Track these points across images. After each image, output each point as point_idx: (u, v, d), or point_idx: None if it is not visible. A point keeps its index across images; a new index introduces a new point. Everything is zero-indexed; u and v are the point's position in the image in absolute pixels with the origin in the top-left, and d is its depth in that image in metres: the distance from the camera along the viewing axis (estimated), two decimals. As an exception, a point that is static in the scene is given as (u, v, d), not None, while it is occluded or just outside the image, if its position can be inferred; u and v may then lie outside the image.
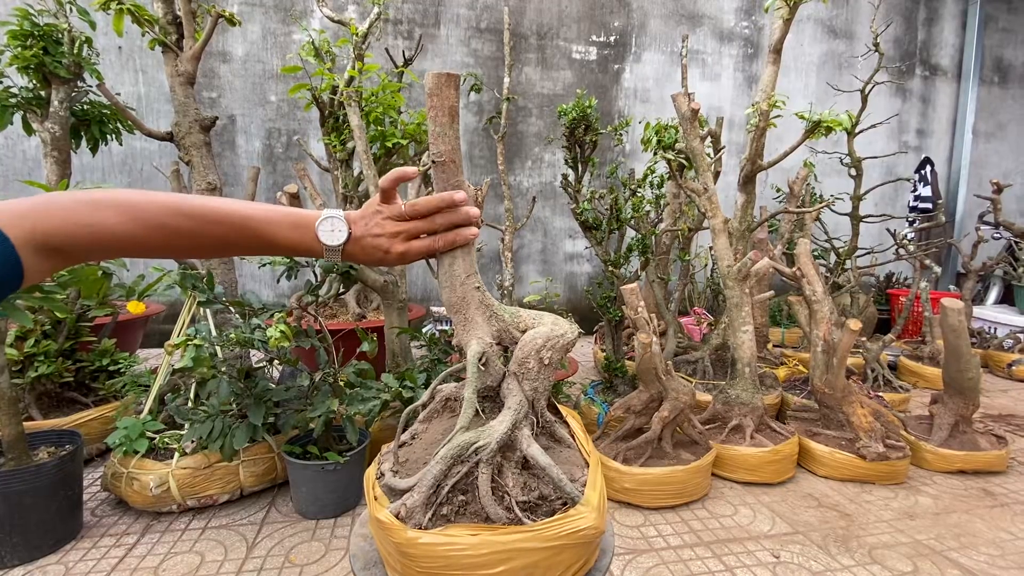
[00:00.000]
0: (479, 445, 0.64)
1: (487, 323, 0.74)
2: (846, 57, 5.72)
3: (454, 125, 0.69)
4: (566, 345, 0.73)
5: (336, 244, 0.62)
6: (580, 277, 5.26)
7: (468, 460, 0.64)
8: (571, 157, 2.65)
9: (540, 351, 0.70)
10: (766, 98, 2.53)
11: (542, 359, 0.70)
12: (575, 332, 0.74)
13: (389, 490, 0.67)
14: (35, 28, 2.79)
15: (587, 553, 0.67)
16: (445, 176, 0.70)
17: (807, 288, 2.40)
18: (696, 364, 3.01)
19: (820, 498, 2.18)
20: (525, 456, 0.67)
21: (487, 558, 0.60)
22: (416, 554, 0.60)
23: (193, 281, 1.76)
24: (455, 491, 0.65)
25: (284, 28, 4.51)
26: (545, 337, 0.71)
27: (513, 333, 0.76)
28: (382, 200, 0.66)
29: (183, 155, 2.44)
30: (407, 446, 0.72)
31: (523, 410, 0.68)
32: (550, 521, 0.63)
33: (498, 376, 0.72)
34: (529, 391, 0.70)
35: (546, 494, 0.66)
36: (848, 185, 5.16)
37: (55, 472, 1.72)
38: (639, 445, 2.10)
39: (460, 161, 0.71)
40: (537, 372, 0.70)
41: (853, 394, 2.37)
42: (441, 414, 0.76)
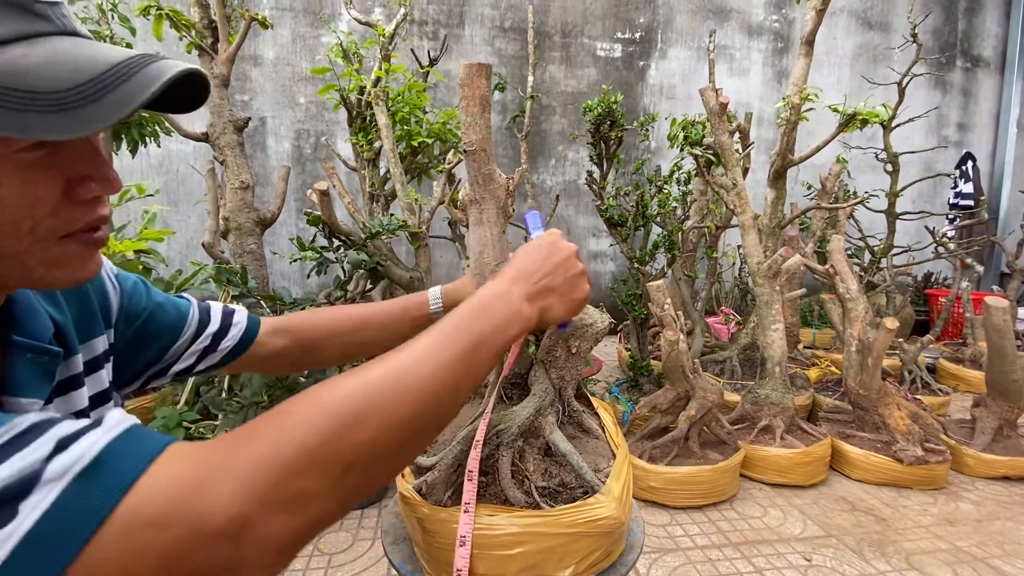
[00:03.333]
0: (500, 429, 0.65)
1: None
2: (882, 49, 5.54)
3: (485, 114, 0.70)
4: (595, 335, 0.72)
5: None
6: (604, 276, 5.22)
7: (489, 443, 0.65)
8: (596, 154, 2.64)
9: (568, 339, 0.70)
10: (797, 91, 2.47)
11: (570, 347, 0.70)
12: (605, 322, 0.74)
13: (415, 467, 0.68)
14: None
15: (607, 544, 0.66)
16: (476, 165, 0.70)
17: (840, 286, 2.33)
18: (724, 364, 2.96)
19: (854, 502, 2.12)
20: (548, 443, 0.67)
21: (502, 539, 0.60)
22: (434, 529, 0.61)
23: (228, 276, 1.82)
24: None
25: (313, 31, 4.61)
26: (573, 326, 0.71)
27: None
28: None
29: (218, 155, 2.52)
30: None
31: (548, 398, 0.68)
32: (568, 508, 0.63)
33: (526, 364, 0.73)
34: (556, 379, 0.70)
35: (567, 481, 0.66)
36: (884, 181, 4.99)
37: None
38: (665, 444, 2.08)
39: (491, 150, 0.72)
40: (564, 361, 0.70)
41: (889, 395, 2.30)
42: (473, 397, 0.77)
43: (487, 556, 0.61)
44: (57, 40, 0.38)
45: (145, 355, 0.62)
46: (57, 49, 0.38)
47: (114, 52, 0.39)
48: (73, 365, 0.51)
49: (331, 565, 1.67)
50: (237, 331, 0.69)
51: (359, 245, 2.02)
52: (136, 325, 0.60)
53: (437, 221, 4.06)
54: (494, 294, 0.53)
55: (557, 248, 0.58)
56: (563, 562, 0.62)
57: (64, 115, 0.36)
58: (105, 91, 0.37)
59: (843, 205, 2.54)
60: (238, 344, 0.68)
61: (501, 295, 0.53)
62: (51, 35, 0.38)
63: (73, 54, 0.38)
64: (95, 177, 0.41)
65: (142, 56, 0.40)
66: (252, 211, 2.54)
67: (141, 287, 0.62)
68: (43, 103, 0.35)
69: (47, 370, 0.47)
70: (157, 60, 0.40)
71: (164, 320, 0.63)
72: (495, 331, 0.49)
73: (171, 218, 4.54)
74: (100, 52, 0.39)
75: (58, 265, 0.42)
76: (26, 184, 0.38)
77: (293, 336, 0.72)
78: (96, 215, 0.43)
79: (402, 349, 0.44)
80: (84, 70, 0.37)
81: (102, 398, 0.53)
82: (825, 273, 2.40)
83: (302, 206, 4.64)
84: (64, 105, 0.36)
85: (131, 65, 0.38)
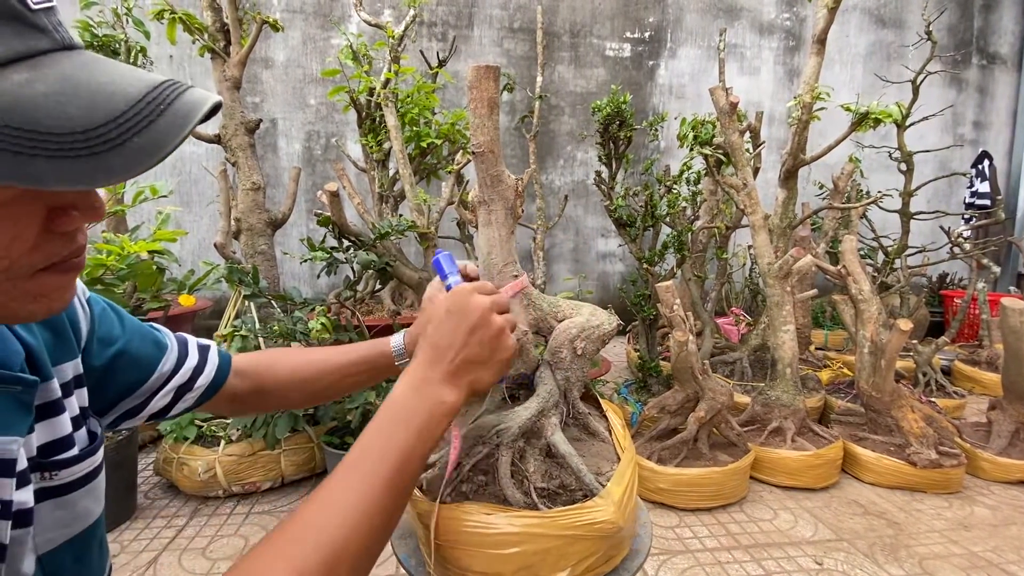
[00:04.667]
0: (500, 428, 0.65)
1: (524, 311, 0.75)
2: (895, 47, 5.47)
3: (493, 116, 0.70)
4: (602, 336, 0.72)
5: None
6: (613, 276, 5.20)
7: (489, 442, 0.65)
8: (604, 154, 2.63)
9: (574, 341, 0.70)
10: (809, 90, 2.45)
11: (576, 349, 0.70)
12: (613, 323, 0.74)
13: None
14: (95, 39, 2.96)
15: (605, 548, 0.66)
16: (485, 166, 0.71)
17: (853, 286, 2.31)
18: (734, 365, 2.94)
19: (866, 505, 2.09)
20: (549, 444, 0.68)
21: (499, 538, 0.60)
22: (434, 525, 0.62)
23: (240, 276, 1.84)
24: (476, 471, 0.67)
25: (323, 33, 4.65)
26: (580, 327, 0.71)
27: (550, 322, 0.76)
28: None
29: (229, 156, 2.55)
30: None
31: (552, 399, 0.68)
32: (565, 510, 0.63)
33: (533, 365, 0.73)
34: (561, 380, 0.70)
35: (568, 484, 0.67)
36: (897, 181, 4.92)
37: (112, 455, 1.82)
38: (674, 445, 2.07)
39: (500, 152, 0.72)
40: (570, 362, 0.70)
41: (903, 398, 2.27)
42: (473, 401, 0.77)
43: (484, 554, 0.61)
44: (61, 59, 0.32)
45: (121, 383, 0.58)
46: (66, 74, 0.31)
47: (131, 78, 0.34)
48: (50, 390, 0.47)
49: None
50: (212, 367, 0.65)
51: (368, 246, 2.04)
52: (112, 351, 0.56)
53: (446, 222, 4.08)
54: (412, 388, 0.51)
55: (468, 311, 0.52)
56: (559, 564, 0.62)
57: (82, 163, 0.30)
58: (130, 133, 0.31)
59: (856, 205, 2.51)
60: (214, 380, 0.65)
61: (418, 388, 0.50)
62: (51, 52, 0.32)
63: (86, 82, 0.32)
64: (80, 205, 0.36)
65: (164, 86, 0.34)
66: (263, 212, 2.57)
67: (111, 313, 0.58)
68: (55, 147, 0.29)
69: (22, 402, 0.43)
70: (180, 91, 0.34)
71: (142, 350, 0.59)
72: (420, 439, 0.48)
73: (184, 219, 4.60)
74: (115, 78, 0.33)
75: (35, 299, 0.37)
76: (4, 220, 0.33)
77: (253, 380, 0.69)
78: (76, 245, 0.38)
79: (330, 491, 0.44)
80: (102, 106, 0.31)
81: (75, 423, 0.50)
82: (837, 274, 2.37)
83: (313, 207, 4.68)
84: (82, 151, 0.30)
85: (156, 100, 0.33)
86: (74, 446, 0.49)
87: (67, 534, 0.48)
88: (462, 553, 0.62)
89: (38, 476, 0.45)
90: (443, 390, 0.51)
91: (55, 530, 0.47)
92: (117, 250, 1.49)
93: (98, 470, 0.52)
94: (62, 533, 0.48)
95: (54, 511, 0.47)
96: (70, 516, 0.48)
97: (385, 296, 3.39)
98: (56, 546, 0.47)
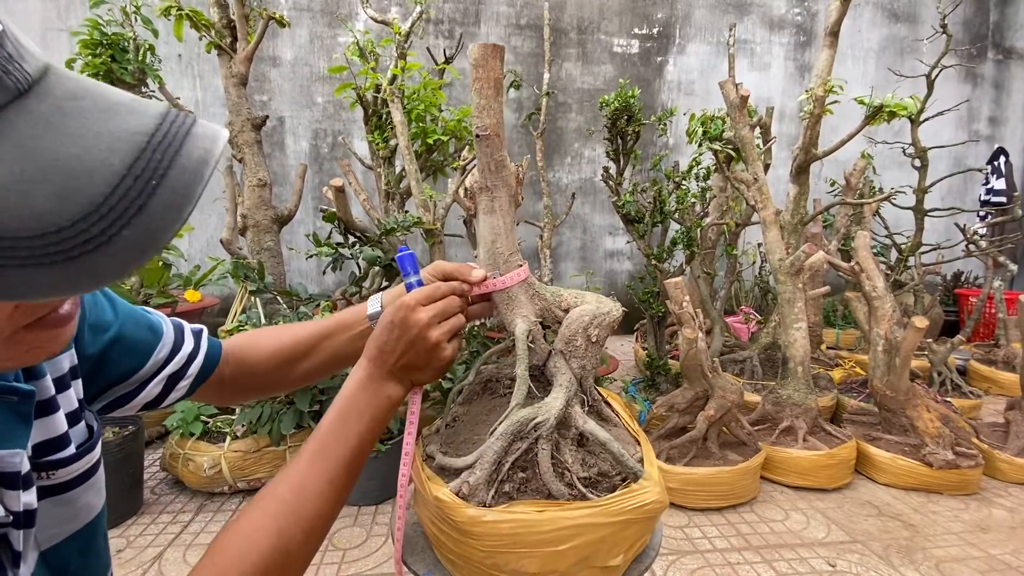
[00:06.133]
0: (539, 421, 0.63)
1: (530, 301, 0.73)
2: (908, 42, 5.38)
3: (499, 98, 0.68)
4: (612, 323, 0.70)
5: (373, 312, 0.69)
6: (620, 275, 5.17)
7: (527, 436, 0.63)
8: (612, 149, 2.60)
9: (587, 328, 0.68)
10: (821, 84, 2.40)
11: (589, 336, 0.68)
12: (619, 310, 0.72)
13: (442, 470, 0.66)
14: (104, 37, 2.97)
15: (648, 530, 0.66)
16: (489, 151, 0.68)
17: (867, 283, 2.26)
18: (744, 363, 2.90)
19: (880, 506, 2.05)
20: (580, 433, 0.65)
21: (554, 535, 0.59)
22: (480, 532, 0.59)
23: (245, 271, 1.83)
24: (515, 468, 0.64)
25: (330, 31, 4.65)
26: (592, 314, 0.69)
27: (555, 312, 0.74)
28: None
29: (236, 153, 2.55)
30: (450, 428, 0.71)
31: (573, 387, 0.66)
32: (617, 496, 0.62)
33: (543, 355, 0.71)
34: (577, 369, 0.68)
35: (605, 470, 0.65)
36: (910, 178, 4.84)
37: (118, 451, 1.82)
38: (683, 444, 2.03)
39: (504, 136, 0.70)
40: (585, 350, 0.68)
41: (918, 397, 2.22)
42: (481, 395, 0.75)
43: (539, 554, 0.60)
44: (17, 119, 0.24)
45: (114, 372, 0.56)
46: (26, 146, 0.24)
47: (112, 135, 0.26)
48: (43, 389, 0.46)
49: (344, 560, 1.67)
50: (203, 354, 0.64)
51: (374, 242, 2.03)
52: (106, 339, 0.55)
53: (452, 219, 4.06)
54: (361, 384, 0.57)
55: (407, 326, 0.57)
56: (614, 551, 0.62)
57: (60, 269, 0.24)
58: (116, 226, 0.25)
59: (869, 201, 2.46)
60: (204, 367, 0.63)
61: (366, 385, 0.57)
62: (3, 109, 0.24)
63: (53, 154, 0.24)
64: None
65: (156, 141, 0.26)
66: (269, 208, 2.56)
67: (101, 298, 0.57)
68: (24, 253, 0.23)
69: (20, 413, 0.41)
70: (178, 146, 0.27)
71: (137, 335, 0.57)
72: (371, 427, 0.55)
73: (193, 216, 4.62)
74: (91, 139, 0.25)
75: (26, 352, 0.34)
76: None
77: (237, 363, 0.68)
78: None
79: (301, 475, 0.52)
80: (78, 192, 0.24)
81: (73, 418, 0.49)
82: (850, 270, 2.33)
83: (319, 204, 4.68)
84: (57, 256, 0.24)
85: (147, 171, 0.25)
86: (70, 444, 0.48)
87: (69, 530, 0.48)
88: (513, 556, 0.60)
89: (35, 475, 0.44)
90: (388, 386, 0.58)
91: (56, 527, 0.47)
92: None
93: (96, 465, 0.52)
94: (64, 529, 0.47)
95: (53, 509, 0.46)
96: (70, 513, 0.48)
97: (391, 293, 3.38)
98: (59, 541, 0.47)
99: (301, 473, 0.52)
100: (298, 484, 0.51)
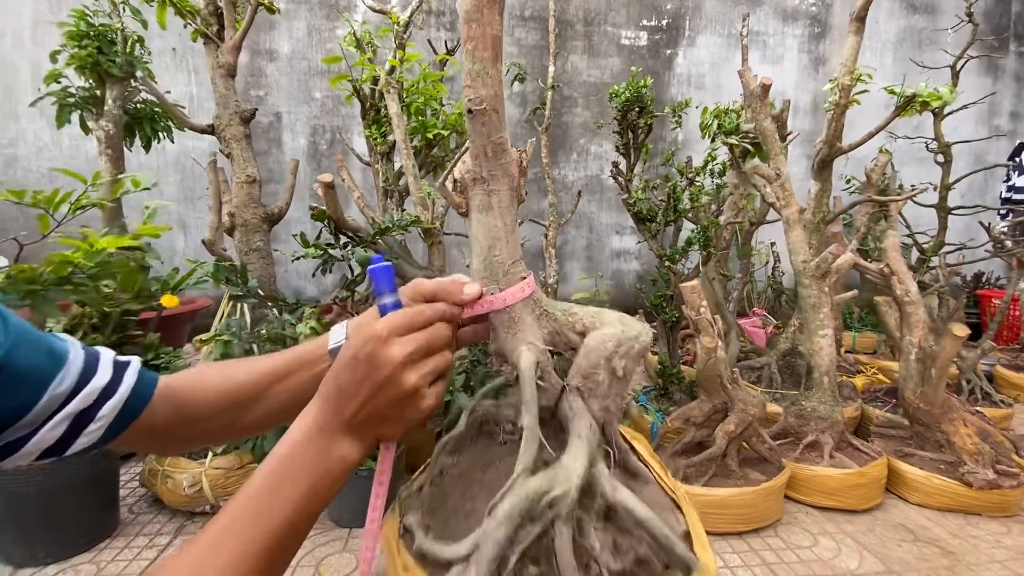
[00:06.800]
0: (555, 496, 0.45)
1: (537, 323, 0.57)
2: (928, 33, 5.18)
3: (497, 64, 0.53)
4: (641, 351, 0.55)
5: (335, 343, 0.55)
6: (628, 275, 5.00)
7: (540, 518, 0.46)
8: (623, 143, 2.44)
9: (611, 359, 0.52)
10: (847, 72, 2.24)
11: (614, 369, 0.52)
12: (649, 334, 0.56)
13: (424, 557, 0.48)
14: (90, 28, 2.84)
15: None
16: (486, 130, 0.53)
17: (898, 287, 2.10)
18: (761, 371, 2.73)
19: (915, 530, 1.89)
20: (609, 505, 0.49)
21: None
22: None
23: (226, 274, 1.69)
24: (524, 561, 0.45)
25: (328, 24, 4.50)
26: (616, 340, 0.53)
27: (568, 336, 0.58)
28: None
29: (223, 148, 2.41)
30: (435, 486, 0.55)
31: (595, 438, 0.50)
32: None
33: (554, 393, 0.55)
34: (599, 412, 0.52)
35: (643, 556, 0.47)
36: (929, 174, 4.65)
37: (88, 469, 1.68)
38: (701, 462, 1.88)
39: (503, 111, 0.54)
40: (608, 386, 0.52)
41: (954, 410, 2.05)
42: (475, 441, 0.59)
43: None
44: None
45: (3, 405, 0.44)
46: None
47: None
48: None
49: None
50: (126, 390, 0.51)
51: (368, 242, 1.88)
52: None
53: (453, 218, 3.92)
54: (307, 437, 0.44)
55: (375, 365, 0.43)
56: None
57: None
58: None
59: (897, 198, 2.30)
60: (127, 406, 0.51)
61: (314, 438, 0.43)
62: None
63: None
64: None
65: None
66: (259, 207, 2.42)
67: None
68: None
69: None
70: None
71: (31, 361, 0.45)
72: (309, 499, 0.42)
73: (187, 215, 4.50)
74: None
75: None
76: None
77: (176, 404, 0.55)
78: None
79: (200, 557, 0.38)
80: None
81: None
82: (879, 273, 2.16)
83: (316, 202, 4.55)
84: None
85: None
86: None
87: None
88: None
89: None
90: (341, 443, 0.44)
91: None
92: (85, 247, 1.34)
93: None
94: None
95: None
96: None
97: (390, 296, 3.23)
98: None
99: (199, 555, 0.39)
100: (195, 568, 0.38)
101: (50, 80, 2.81)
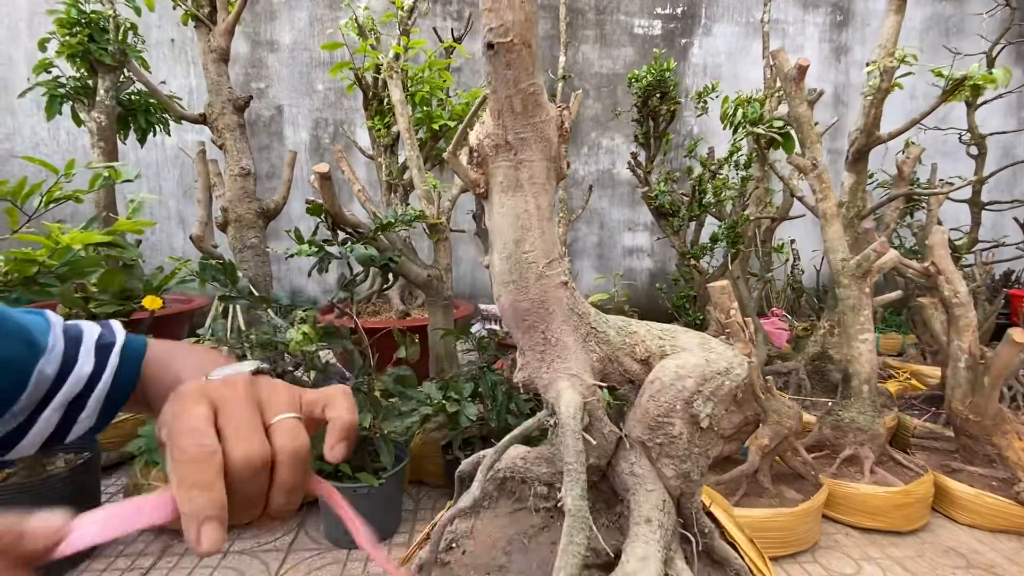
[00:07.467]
0: None
1: (582, 346, 0.42)
2: (955, 21, 4.96)
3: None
4: (732, 389, 0.39)
5: None
6: (640, 273, 4.83)
7: None
8: (642, 132, 2.28)
9: (692, 402, 0.37)
10: (888, 53, 2.06)
11: (695, 417, 0.37)
12: (744, 365, 0.40)
13: None
14: (81, 15, 2.71)
15: None
16: (511, 74, 0.37)
17: (946, 288, 1.92)
18: (789, 376, 2.56)
19: (967, 554, 1.72)
20: None
21: None
22: None
23: (213, 273, 1.54)
24: None
25: (331, 13, 4.36)
26: (699, 376, 0.37)
27: (626, 364, 0.42)
28: None
29: (216, 138, 2.27)
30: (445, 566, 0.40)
31: (670, 523, 0.35)
32: None
33: (607, 447, 0.39)
34: (674, 480, 0.37)
35: None
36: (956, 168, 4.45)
37: (66, 484, 1.55)
38: (732, 480, 1.72)
39: (537, 47, 0.39)
40: (688, 442, 0.37)
41: (1007, 422, 1.88)
42: (497, 501, 0.44)
43: None
44: None
45: None
46: None
47: None
48: None
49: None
50: (109, 376, 0.48)
51: (367, 238, 1.73)
52: None
53: (459, 213, 3.76)
54: None
55: (181, 417, 0.33)
56: None
57: None
58: None
59: (938, 191, 2.12)
60: (114, 389, 0.47)
61: None
62: None
63: None
64: None
65: None
66: (254, 201, 2.28)
67: None
68: None
69: None
70: None
71: (6, 352, 0.41)
72: None
73: (186, 212, 4.38)
74: None
75: None
76: None
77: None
78: None
79: None
80: None
81: None
82: (924, 272, 1.99)
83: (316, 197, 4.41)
84: None
85: None
86: None
87: None
88: None
89: None
90: None
91: None
92: (50, 244, 1.20)
93: None
94: None
95: None
96: None
97: (393, 295, 3.09)
98: None
99: None
100: None
101: (40, 69, 2.68)
